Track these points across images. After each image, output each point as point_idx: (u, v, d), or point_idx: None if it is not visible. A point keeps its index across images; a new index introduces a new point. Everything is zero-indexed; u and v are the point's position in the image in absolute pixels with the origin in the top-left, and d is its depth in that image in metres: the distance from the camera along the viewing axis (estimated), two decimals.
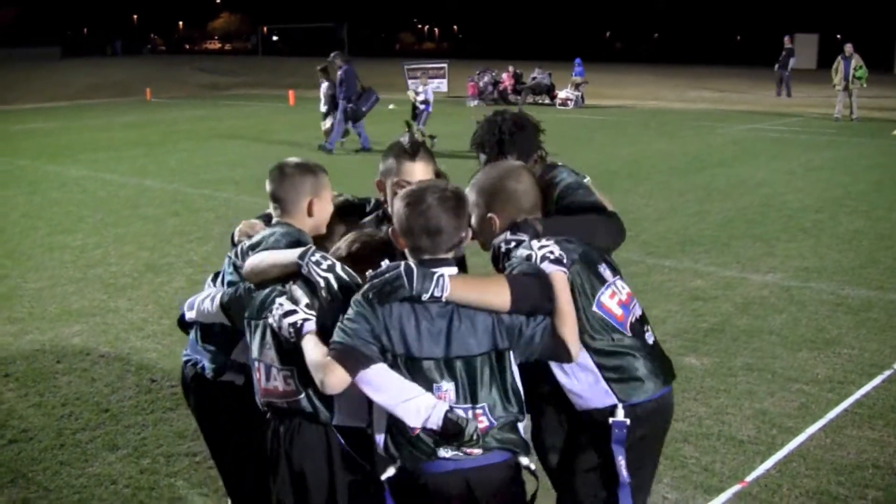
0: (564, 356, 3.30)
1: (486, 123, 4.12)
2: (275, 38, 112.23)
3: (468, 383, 3.17)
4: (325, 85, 22.00)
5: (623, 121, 29.34)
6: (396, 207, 3.30)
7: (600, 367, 3.49)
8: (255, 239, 3.80)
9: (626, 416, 3.49)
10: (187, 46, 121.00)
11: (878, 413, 6.53)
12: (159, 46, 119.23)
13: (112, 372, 7.51)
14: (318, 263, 3.35)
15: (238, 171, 18.57)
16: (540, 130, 4.14)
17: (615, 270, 3.73)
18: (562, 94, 35.01)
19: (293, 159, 4.00)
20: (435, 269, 3.17)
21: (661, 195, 15.28)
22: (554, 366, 3.49)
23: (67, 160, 20.52)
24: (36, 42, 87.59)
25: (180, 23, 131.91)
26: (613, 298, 3.60)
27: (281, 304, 3.35)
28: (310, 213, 3.88)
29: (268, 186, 3.92)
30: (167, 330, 8.37)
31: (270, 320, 3.38)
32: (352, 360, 3.09)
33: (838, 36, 56.88)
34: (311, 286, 3.39)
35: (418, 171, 3.91)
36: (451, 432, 3.10)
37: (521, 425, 3.31)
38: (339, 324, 3.17)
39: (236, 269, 3.82)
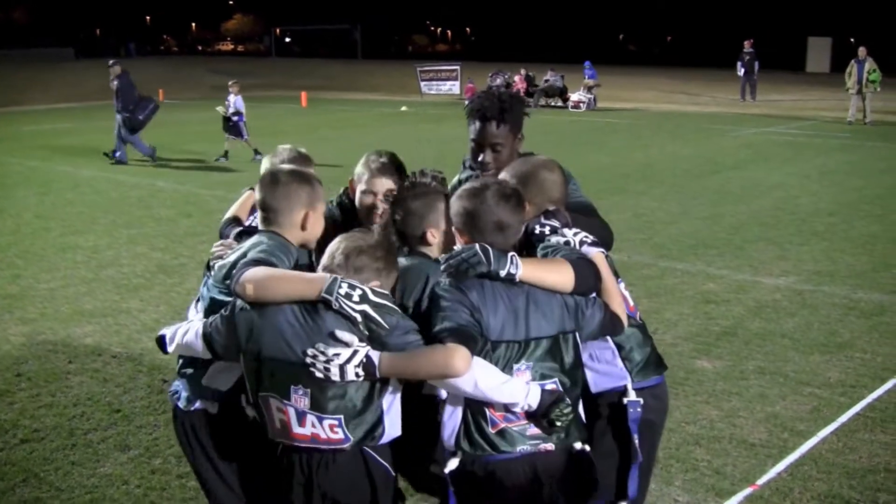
0: (619, 328, 3.57)
1: (484, 93, 4.24)
2: (287, 39, 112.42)
3: (542, 364, 3.32)
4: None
5: (636, 124, 29.30)
6: (463, 206, 3.41)
7: (619, 346, 3.74)
8: (237, 253, 3.60)
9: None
10: (200, 48, 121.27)
11: (890, 417, 6.50)
12: (172, 48, 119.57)
13: (124, 372, 7.52)
14: (348, 297, 3.17)
15: (251, 172, 18.58)
16: (526, 113, 4.30)
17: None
18: (574, 96, 34.99)
19: (287, 167, 3.83)
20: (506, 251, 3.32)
21: (673, 198, 15.25)
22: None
23: (80, 161, 20.58)
24: (49, 43, 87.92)
25: (193, 24, 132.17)
26: (627, 291, 3.87)
27: (337, 354, 3.16)
28: (303, 227, 3.66)
29: (258, 194, 3.70)
30: None
31: (322, 373, 3.18)
32: (469, 338, 3.16)
33: (851, 39, 56.77)
34: (344, 317, 3.23)
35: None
36: (548, 404, 3.24)
37: (581, 405, 3.50)
38: (439, 313, 3.22)
39: (218, 287, 3.61)
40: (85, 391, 7.12)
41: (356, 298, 3.18)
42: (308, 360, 3.21)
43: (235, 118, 20.79)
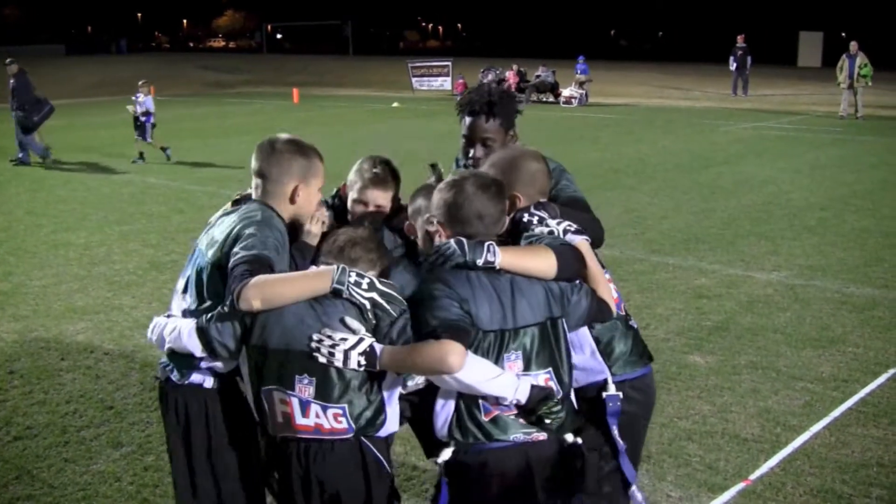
0: (607, 314, 3.58)
1: (474, 89, 4.24)
2: (279, 35, 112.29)
3: (533, 352, 3.32)
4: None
5: (628, 119, 29.31)
6: (442, 198, 3.40)
7: (597, 340, 3.75)
8: (228, 227, 3.54)
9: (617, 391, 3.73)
10: (191, 44, 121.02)
11: (882, 411, 6.52)
12: (163, 44, 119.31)
13: (116, 369, 7.52)
14: (357, 285, 3.23)
15: (243, 168, 18.56)
16: (518, 111, 4.25)
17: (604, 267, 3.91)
18: (566, 92, 34.94)
19: (286, 135, 3.76)
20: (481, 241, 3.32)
21: (665, 193, 15.27)
22: None
23: (71, 158, 20.52)
24: (41, 40, 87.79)
25: (184, 21, 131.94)
26: (612, 284, 3.81)
27: (344, 338, 3.22)
28: (292, 200, 3.63)
29: (253, 161, 3.68)
30: None
31: (326, 357, 3.22)
32: (462, 332, 3.16)
33: (843, 34, 56.83)
34: (353, 306, 3.28)
35: None
36: (537, 400, 3.24)
37: (573, 395, 3.51)
38: (431, 309, 3.21)
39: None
40: (77, 388, 7.11)
41: (365, 286, 3.25)
42: (313, 344, 3.24)
43: (143, 118, 20.29)
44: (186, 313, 3.61)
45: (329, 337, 3.23)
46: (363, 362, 3.21)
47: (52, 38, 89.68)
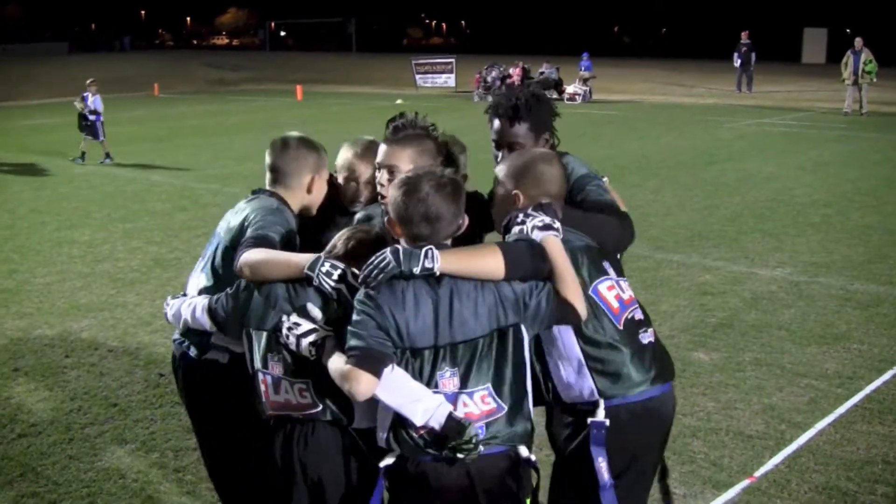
0: (573, 317, 3.28)
1: (505, 91, 4.15)
2: (282, 33, 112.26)
3: (471, 367, 3.16)
4: None
5: (631, 116, 29.29)
6: (393, 195, 3.26)
7: (586, 355, 3.43)
8: (243, 214, 3.80)
9: (607, 416, 3.41)
10: (195, 42, 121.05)
11: (887, 408, 6.50)
12: (167, 42, 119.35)
13: (120, 366, 7.52)
14: (328, 274, 3.28)
15: (246, 165, 18.59)
16: (555, 114, 4.09)
17: (620, 272, 3.68)
18: (570, 88, 34.96)
19: (296, 133, 4.00)
20: (423, 245, 3.16)
21: (669, 190, 15.25)
22: (545, 351, 3.47)
23: (74, 155, 20.52)
24: (44, 37, 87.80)
25: (188, 18, 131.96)
26: (612, 291, 3.53)
27: (297, 324, 3.29)
28: (309, 190, 3.92)
29: (268, 157, 3.93)
30: None
31: (284, 339, 3.33)
32: (373, 361, 3.06)
33: (848, 30, 56.72)
34: (322, 295, 3.35)
35: (384, 154, 3.70)
36: (452, 432, 3.08)
37: (529, 406, 3.28)
38: (349, 328, 3.14)
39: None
40: (82, 385, 7.11)
41: (335, 277, 3.31)
42: (279, 323, 3.36)
43: (93, 118, 20.11)
44: (202, 291, 3.87)
45: (287, 320, 3.33)
46: (314, 352, 3.25)
47: (54, 37, 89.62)
